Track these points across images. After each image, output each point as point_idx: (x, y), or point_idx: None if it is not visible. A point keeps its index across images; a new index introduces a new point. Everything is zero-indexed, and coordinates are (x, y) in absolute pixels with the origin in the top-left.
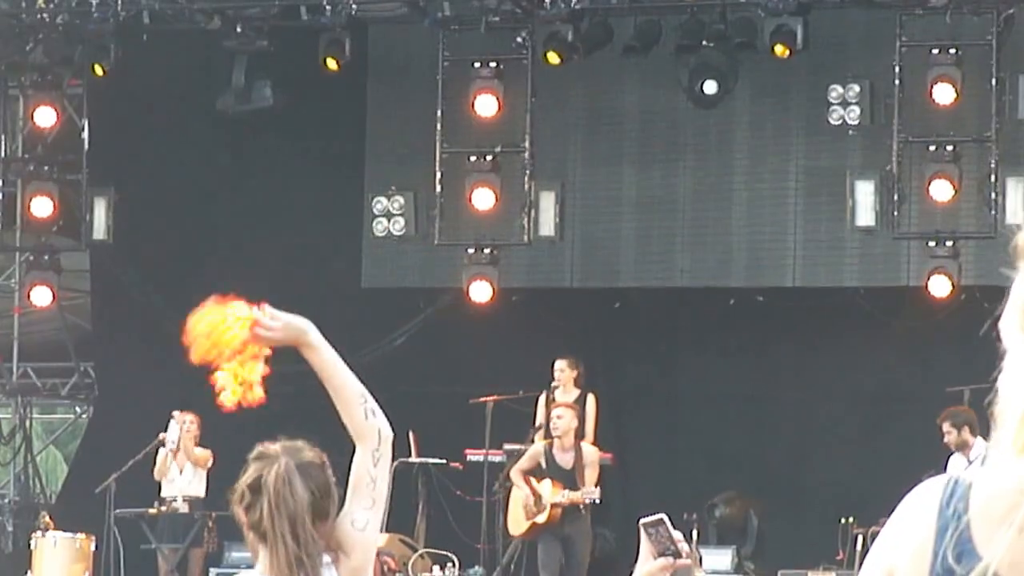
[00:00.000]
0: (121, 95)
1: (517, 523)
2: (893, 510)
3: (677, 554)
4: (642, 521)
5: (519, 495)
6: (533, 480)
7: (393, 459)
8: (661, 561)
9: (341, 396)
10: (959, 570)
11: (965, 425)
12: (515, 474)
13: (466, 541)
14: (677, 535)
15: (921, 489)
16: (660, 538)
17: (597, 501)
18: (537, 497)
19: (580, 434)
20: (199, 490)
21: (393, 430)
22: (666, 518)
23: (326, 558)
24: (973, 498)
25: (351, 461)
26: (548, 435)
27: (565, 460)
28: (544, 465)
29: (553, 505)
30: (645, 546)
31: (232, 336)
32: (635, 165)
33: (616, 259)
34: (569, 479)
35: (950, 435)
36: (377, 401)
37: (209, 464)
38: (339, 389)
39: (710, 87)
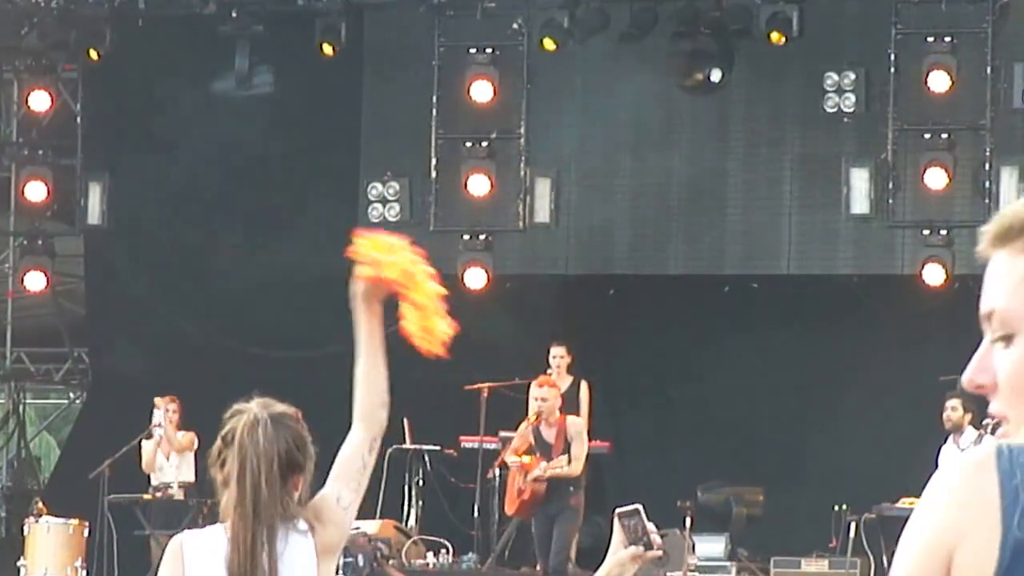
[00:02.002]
0: (116, 80)
1: (511, 502)
2: (886, 498)
3: (649, 545)
4: (617, 511)
5: (514, 476)
6: (525, 457)
7: (385, 446)
8: (631, 550)
9: (375, 374)
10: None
11: (970, 411)
12: (509, 455)
13: (460, 528)
14: (651, 527)
15: (966, 463)
16: (634, 528)
17: (562, 469)
18: (525, 472)
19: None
20: (188, 475)
21: (388, 416)
22: (641, 509)
23: (302, 524)
24: None
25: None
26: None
27: (549, 435)
28: (533, 442)
29: (534, 479)
30: (618, 535)
31: (424, 278)
32: (630, 152)
33: (611, 246)
34: (549, 452)
35: (954, 412)
36: None
37: (195, 446)
38: (377, 367)
39: (715, 75)
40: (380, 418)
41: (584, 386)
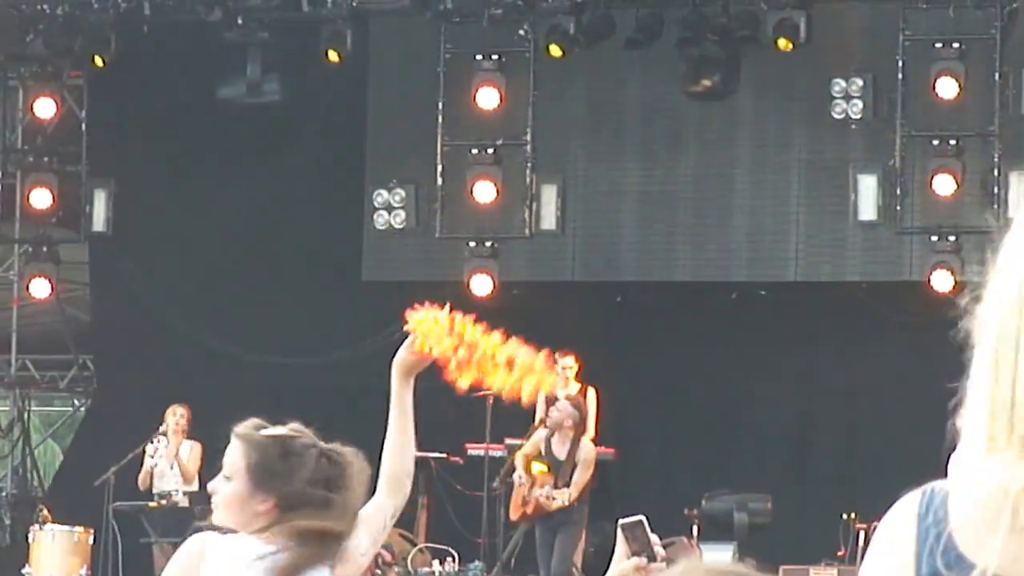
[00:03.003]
0: (121, 87)
1: (515, 508)
2: (894, 506)
3: (653, 557)
4: (621, 522)
5: (517, 478)
6: (535, 464)
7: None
8: (634, 561)
9: (404, 442)
10: (944, 570)
11: None
12: (518, 458)
13: (466, 535)
14: (655, 538)
15: (897, 506)
16: (637, 539)
17: (564, 502)
18: (531, 486)
19: (582, 430)
20: (193, 483)
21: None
22: (644, 520)
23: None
24: (952, 506)
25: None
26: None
27: (560, 451)
28: (543, 452)
29: (536, 499)
30: (621, 546)
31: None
32: (637, 158)
33: (617, 253)
34: (560, 470)
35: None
36: (376, 394)
37: (200, 462)
38: (406, 437)
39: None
40: (404, 487)
41: (592, 393)
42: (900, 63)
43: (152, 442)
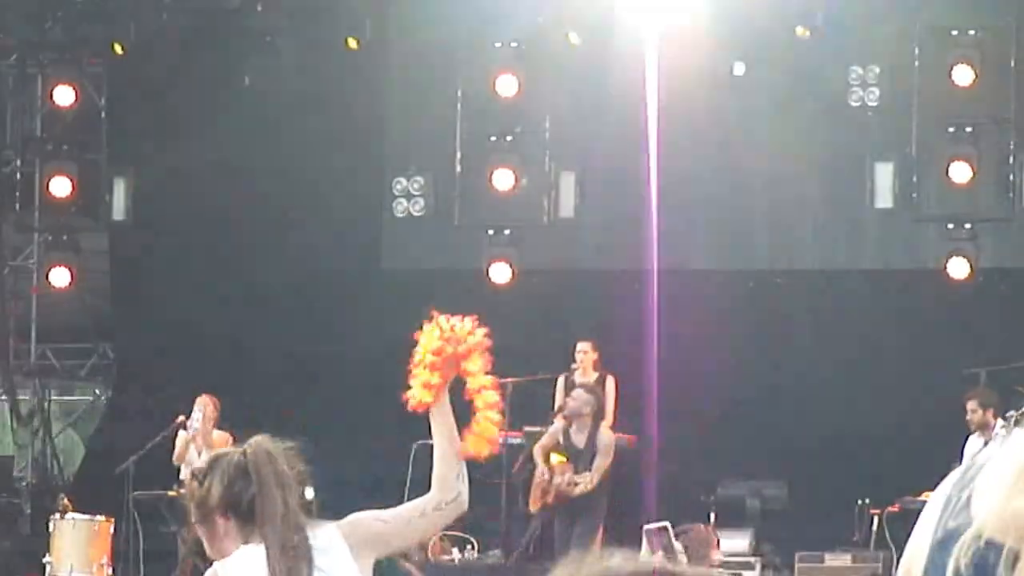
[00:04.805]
0: (140, 74)
1: (535, 500)
2: (909, 491)
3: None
4: (645, 527)
5: (539, 473)
6: (553, 455)
7: (409, 441)
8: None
9: (447, 449)
10: (952, 524)
11: (990, 407)
12: (536, 450)
13: (485, 523)
14: (678, 545)
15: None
16: (661, 545)
17: (586, 487)
18: (551, 476)
19: (600, 416)
20: None
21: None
22: (669, 526)
23: (331, 526)
24: (981, 474)
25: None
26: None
27: (579, 439)
28: (561, 442)
29: (556, 487)
30: (645, 551)
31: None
32: (655, 146)
33: (636, 241)
34: (579, 459)
35: (974, 414)
36: (395, 382)
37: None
38: (447, 443)
39: (739, 68)
40: (455, 487)
41: (610, 381)
42: (916, 51)
43: (188, 427)
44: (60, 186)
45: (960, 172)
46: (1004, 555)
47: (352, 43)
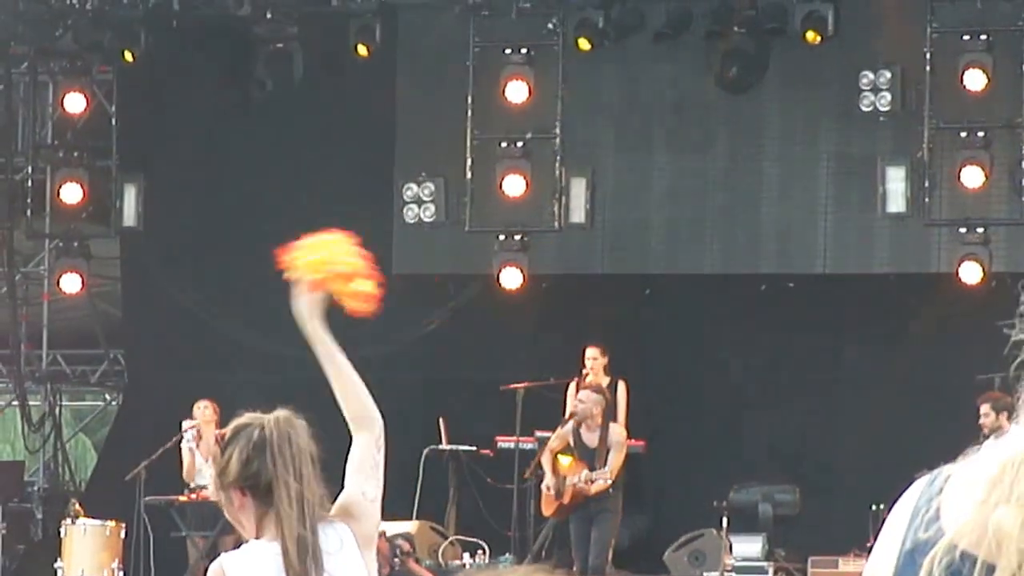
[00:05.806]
0: (151, 81)
1: (548, 504)
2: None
3: None
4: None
5: (545, 484)
6: (561, 457)
7: (421, 446)
8: None
9: (345, 378)
10: (923, 535)
11: (1004, 411)
12: (545, 455)
13: (496, 528)
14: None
15: (908, 490)
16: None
17: (606, 482)
18: (561, 479)
19: (610, 417)
20: None
21: (424, 416)
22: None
23: (340, 522)
24: (948, 485)
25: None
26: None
27: (590, 439)
28: (572, 444)
29: (573, 486)
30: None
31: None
32: (665, 151)
33: (646, 246)
34: (592, 458)
35: (987, 417)
36: (407, 387)
37: None
38: (343, 372)
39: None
40: (372, 416)
41: (622, 386)
42: (928, 55)
43: (184, 438)
44: (71, 193)
45: (972, 176)
46: (978, 568)
47: (362, 50)
